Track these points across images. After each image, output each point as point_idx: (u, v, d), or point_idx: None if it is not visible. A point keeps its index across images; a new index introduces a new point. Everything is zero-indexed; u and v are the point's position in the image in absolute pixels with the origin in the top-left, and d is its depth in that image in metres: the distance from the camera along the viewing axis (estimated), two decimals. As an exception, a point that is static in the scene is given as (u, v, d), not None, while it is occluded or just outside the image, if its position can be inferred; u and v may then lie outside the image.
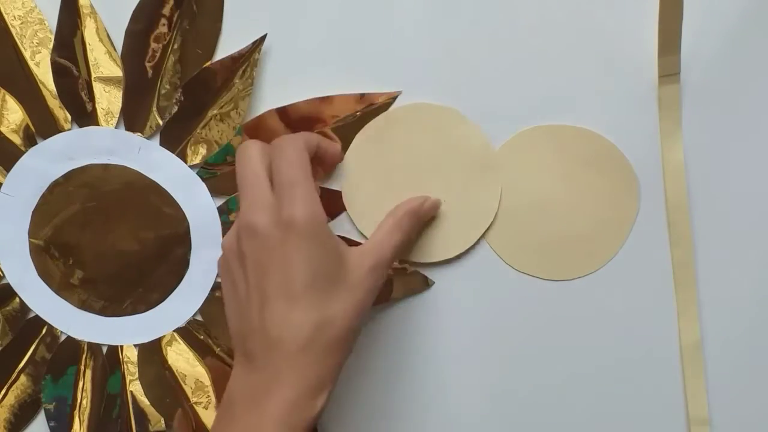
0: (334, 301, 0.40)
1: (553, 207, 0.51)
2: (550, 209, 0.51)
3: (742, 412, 0.52)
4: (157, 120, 0.52)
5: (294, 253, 0.40)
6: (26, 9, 0.52)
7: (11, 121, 0.53)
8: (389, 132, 0.50)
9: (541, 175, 0.51)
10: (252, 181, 0.42)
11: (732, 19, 0.48)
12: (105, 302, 0.55)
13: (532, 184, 0.51)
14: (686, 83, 0.49)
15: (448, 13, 0.50)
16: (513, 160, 0.51)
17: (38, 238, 0.54)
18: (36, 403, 0.56)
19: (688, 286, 0.51)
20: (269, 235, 0.40)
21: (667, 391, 0.52)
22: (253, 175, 0.42)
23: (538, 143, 0.50)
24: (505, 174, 0.51)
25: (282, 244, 0.40)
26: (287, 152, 0.42)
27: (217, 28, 0.51)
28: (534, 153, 0.51)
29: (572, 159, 0.50)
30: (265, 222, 0.40)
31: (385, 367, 0.54)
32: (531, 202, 0.51)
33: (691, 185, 0.50)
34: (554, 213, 0.51)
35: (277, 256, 0.40)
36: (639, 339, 0.52)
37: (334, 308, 0.40)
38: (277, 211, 0.40)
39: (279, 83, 0.51)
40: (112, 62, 0.52)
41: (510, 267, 0.52)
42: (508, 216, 0.51)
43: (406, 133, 0.50)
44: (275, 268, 0.40)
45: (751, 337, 0.51)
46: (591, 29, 0.49)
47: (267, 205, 0.41)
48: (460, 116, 0.49)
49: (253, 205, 0.41)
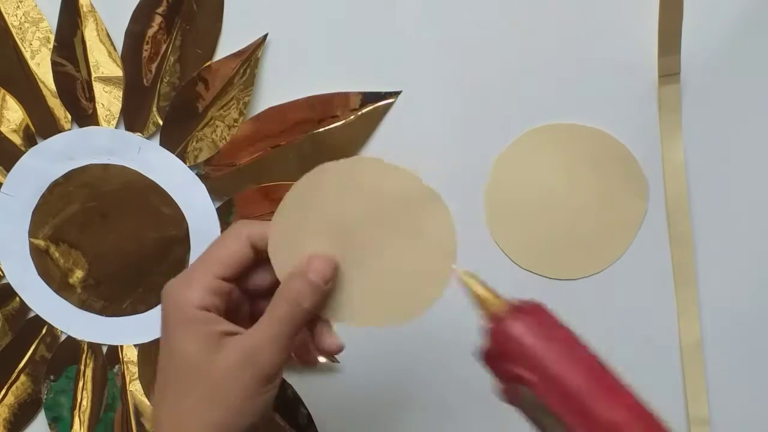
0: (192, 400, 0.36)
1: (561, 206, 0.51)
2: (558, 208, 0.51)
3: (742, 412, 0.52)
4: (157, 120, 0.52)
5: (165, 341, 0.37)
6: (26, 9, 0.52)
7: (11, 121, 0.53)
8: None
9: (548, 174, 0.51)
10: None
11: (732, 19, 0.48)
12: (105, 302, 0.55)
13: (539, 182, 0.51)
14: (686, 83, 0.49)
15: (449, 13, 0.50)
16: (521, 158, 0.51)
17: (38, 238, 0.54)
18: (36, 403, 0.56)
19: (688, 286, 0.51)
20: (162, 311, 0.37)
21: (667, 391, 0.52)
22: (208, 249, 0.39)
23: (546, 142, 0.50)
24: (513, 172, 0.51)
25: (161, 328, 0.37)
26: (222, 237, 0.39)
27: (217, 27, 0.51)
28: (542, 152, 0.51)
29: (580, 159, 0.50)
30: (166, 292, 0.37)
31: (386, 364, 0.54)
32: (538, 201, 0.51)
33: (691, 185, 0.50)
34: (561, 212, 0.51)
35: (161, 336, 0.37)
36: (639, 339, 0.52)
37: (190, 409, 0.36)
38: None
39: (279, 83, 0.51)
40: (112, 62, 0.52)
41: (516, 265, 0.52)
42: (516, 214, 0.51)
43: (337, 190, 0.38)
44: (159, 355, 0.38)
45: (751, 337, 0.51)
46: (591, 29, 0.49)
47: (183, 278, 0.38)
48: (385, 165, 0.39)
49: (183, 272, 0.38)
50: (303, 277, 0.37)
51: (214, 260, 0.37)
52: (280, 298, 0.37)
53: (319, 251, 0.38)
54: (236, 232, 0.38)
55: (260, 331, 0.36)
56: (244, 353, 0.35)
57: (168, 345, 0.36)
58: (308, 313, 0.37)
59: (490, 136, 0.51)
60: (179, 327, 0.36)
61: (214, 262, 0.37)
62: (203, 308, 0.36)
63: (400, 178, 0.37)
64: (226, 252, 0.37)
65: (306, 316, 0.37)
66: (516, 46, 0.50)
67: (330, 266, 0.38)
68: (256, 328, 0.36)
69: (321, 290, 0.37)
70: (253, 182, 0.52)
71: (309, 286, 0.37)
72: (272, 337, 0.36)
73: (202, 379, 0.35)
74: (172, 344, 0.36)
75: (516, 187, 0.51)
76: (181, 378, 0.36)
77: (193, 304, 0.36)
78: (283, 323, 0.36)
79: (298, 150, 0.52)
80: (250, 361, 0.35)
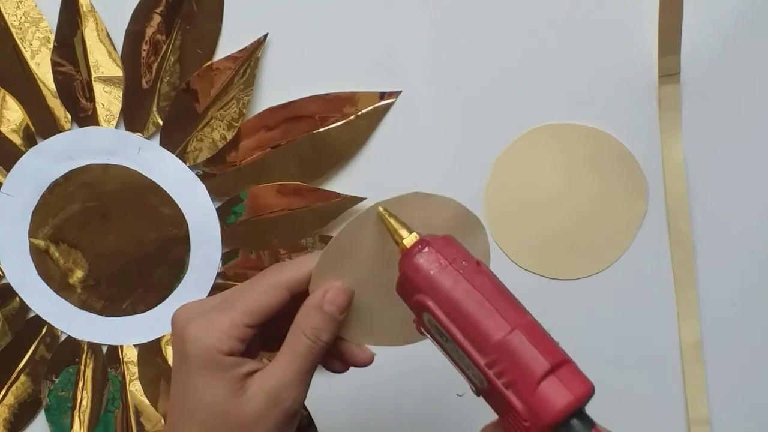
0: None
1: (561, 206, 0.51)
2: (558, 208, 0.51)
3: (742, 412, 0.52)
4: (157, 120, 0.52)
5: (185, 384, 0.36)
6: (26, 9, 0.52)
7: (11, 121, 0.53)
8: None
9: (548, 174, 0.51)
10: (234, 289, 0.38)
11: (732, 19, 0.48)
12: (105, 302, 0.55)
13: (539, 182, 0.51)
14: (686, 83, 0.49)
15: (449, 13, 0.50)
16: (521, 158, 0.51)
17: (38, 238, 0.54)
18: (36, 403, 0.56)
19: (688, 286, 0.51)
20: (173, 349, 0.37)
21: (667, 391, 0.52)
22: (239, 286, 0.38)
23: (546, 142, 0.50)
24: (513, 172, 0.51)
25: (177, 368, 0.37)
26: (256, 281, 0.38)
27: (217, 28, 0.51)
28: (542, 152, 0.51)
29: (581, 159, 0.50)
30: (178, 326, 0.37)
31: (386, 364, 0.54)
32: (538, 201, 0.51)
33: (691, 185, 0.50)
34: (561, 212, 0.51)
35: (173, 377, 0.37)
36: (639, 339, 0.52)
37: None
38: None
39: (279, 83, 0.51)
40: (112, 62, 0.52)
41: (516, 265, 0.52)
42: (516, 214, 0.51)
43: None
44: (172, 392, 0.37)
45: (751, 337, 0.51)
46: (591, 29, 0.49)
47: (191, 309, 0.37)
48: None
49: (188, 303, 0.38)
50: (319, 310, 0.37)
51: (246, 310, 0.36)
52: (299, 332, 0.37)
53: (338, 281, 0.37)
54: (273, 281, 0.37)
55: (282, 370, 0.36)
56: (269, 395, 0.36)
57: (190, 389, 0.36)
58: (327, 345, 0.37)
59: (490, 136, 0.51)
60: (205, 373, 0.36)
61: (247, 311, 0.36)
62: (230, 354, 0.36)
63: (442, 207, 0.37)
64: (261, 304, 0.37)
65: (325, 348, 0.37)
66: (516, 46, 0.50)
67: (345, 296, 0.37)
68: (278, 366, 0.36)
69: (337, 321, 0.37)
70: (253, 182, 0.52)
71: (326, 319, 0.37)
72: (294, 375, 0.36)
73: (228, 424, 0.35)
74: (197, 389, 0.36)
75: (516, 187, 0.51)
76: (205, 423, 0.36)
77: (221, 351, 0.35)
78: (304, 359, 0.36)
79: (298, 150, 0.52)
80: (275, 402, 0.36)
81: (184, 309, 0.37)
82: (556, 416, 0.28)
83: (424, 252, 0.32)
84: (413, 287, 0.32)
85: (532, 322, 0.31)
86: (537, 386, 0.29)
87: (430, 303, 0.32)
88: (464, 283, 0.31)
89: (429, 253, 0.32)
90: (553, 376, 0.29)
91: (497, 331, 0.30)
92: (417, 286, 0.32)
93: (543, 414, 0.29)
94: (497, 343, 0.30)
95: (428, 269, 0.32)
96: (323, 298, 0.37)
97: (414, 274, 0.32)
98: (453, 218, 0.37)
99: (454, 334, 0.31)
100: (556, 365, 0.29)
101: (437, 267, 0.32)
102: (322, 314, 0.37)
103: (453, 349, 0.32)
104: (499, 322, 0.30)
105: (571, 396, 0.29)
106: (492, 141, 0.51)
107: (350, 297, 0.38)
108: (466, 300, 0.31)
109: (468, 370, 0.31)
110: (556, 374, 0.29)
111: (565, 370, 0.30)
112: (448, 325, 0.31)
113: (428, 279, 0.32)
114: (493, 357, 0.30)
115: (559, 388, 0.29)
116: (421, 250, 0.32)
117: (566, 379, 0.29)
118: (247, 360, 0.36)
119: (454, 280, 0.31)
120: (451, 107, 0.51)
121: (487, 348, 0.30)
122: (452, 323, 0.31)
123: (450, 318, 0.31)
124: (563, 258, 0.51)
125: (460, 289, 0.31)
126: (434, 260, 0.32)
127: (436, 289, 0.31)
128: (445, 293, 0.31)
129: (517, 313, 0.31)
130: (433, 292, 0.32)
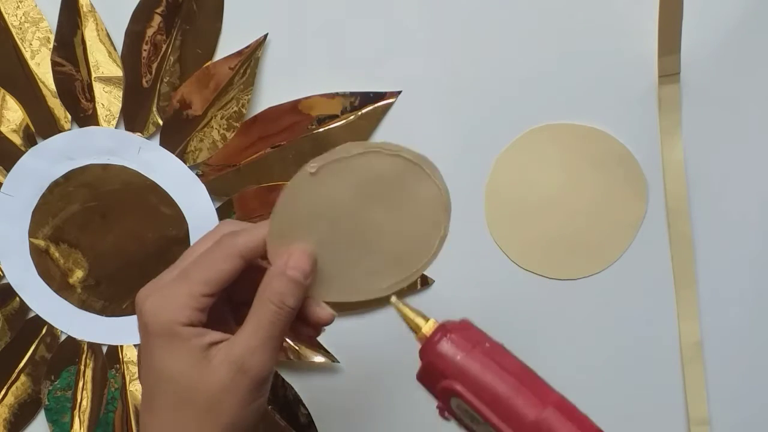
0: (188, 418, 0.35)
1: (561, 206, 0.51)
2: (558, 208, 0.51)
3: (742, 412, 0.52)
4: (157, 120, 0.52)
5: (149, 360, 0.36)
6: (26, 9, 0.52)
7: (11, 121, 0.53)
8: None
9: (548, 174, 0.51)
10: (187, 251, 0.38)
11: (732, 19, 0.48)
12: (105, 302, 0.55)
13: (539, 182, 0.51)
14: (686, 83, 0.49)
15: (449, 13, 0.50)
16: (521, 158, 0.51)
17: (38, 238, 0.54)
18: (36, 403, 0.56)
19: (688, 286, 0.51)
20: (139, 319, 0.36)
21: (667, 391, 0.52)
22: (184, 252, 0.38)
23: (546, 142, 0.50)
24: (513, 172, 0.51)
25: (141, 345, 0.36)
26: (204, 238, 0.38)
27: (217, 27, 0.51)
28: (542, 152, 0.51)
29: (581, 159, 0.51)
30: (140, 300, 0.36)
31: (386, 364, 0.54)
32: (538, 201, 0.51)
33: (691, 185, 0.50)
34: (561, 212, 0.51)
35: (139, 354, 0.37)
36: (639, 339, 0.52)
37: (187, 426, 0.35)
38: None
39: (279, 83, 0.51)
40: (112, 62, 0.52)
41: (516, 265, 0.52)
42: (516, 214, 0.51)
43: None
44: (140, 370, 0.37)
45: (751, 337, 0.51)
46: (591, 29, 0.49)
47: (151, 285, 0.37)
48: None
49: (150, 282, 0.37)
50: (283, 276, 0.36)
51: (202, 279, 0.36)
52: (264, 299, 0.36)
53: (300, 244, 0.37)
54: (228, 249, 0.36)
55: (247, 337, 0.36)
56: (235, 364, 0.35)
57: (154, 364, 0.35)
58: (294, 311, 0.36)
59: (490, 136, 0.51)
60: (166, 346, 0.35)
61: (203, 281, 0.36)
62: (189, 325, 0.35)
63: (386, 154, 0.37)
64: (218, 273, 0.36)
65: (292, 314, 0.36)
66: (516, 46, 0.50)
67: (308, 259, 0.37)
68: (243, 334, 0.36)
69: (302, 286, 0.37)
70: (253, 182, 0.52)
71: (291, 284, 0.36)
72: (261, 342, 0.35)
73: (196, 396, 0.35)
74: (159, 364, 0.35)
75: (516, 187, 0.51)
76: (172, 396, 0.35)
77: (179, 322, 0.35)
78: (270, 326, 0.36)
79: (298, 150, 0.52)
80: (242, 371, 0.35)
81: (146, 286, 0.37)
82: None
83: (448, 339, 0.33)
84: (439, 374, 0.33)
85: (561, 398, 0.32)
86: None
87: (460, 388, 0.32)
88: (493, 365, 0.32)
89: (453, 340, 0.33)
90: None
91: (532, 409, 0.31)
92: (443, 373, 0.33)
93: None
94: (534, 422, 0.31)
95: (454, 355, 0.33)
96: (286, 263, 0.36)
97: (440, 361, 0.33)
98: (394, 167, 0.36)
99: (488, 417, 0.31)
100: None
101: (463, 352, 0.33)
102: (287, 279, 0.36)
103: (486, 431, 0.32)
104: (533, 401, 0.31)
105: None
106: (492, 141, 0.51)
107: (313, 260, 0.37)
108: (498, 382, 0.32)
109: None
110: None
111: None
112: (482, 408, 0.32)
113: (455, 365, 0.32)
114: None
115: None
116: (443, 336, 0.33)
117: None
118: (209, 331, 0.36)
119: (483, 363, 0.32)
120: (451, 107, 0.51)
121: (524, 428, 0.31)
122: (485, 406, 0.32)
123: (483, 401, 0.32)
124: (563, 258, 0.51)
125: (490, 371, 0.32)
126: (459, 345, 0.33)
127: (465, 373, 0.32)
128: (474, 377, 0.32)
129: (547, 389, 0.32)
130: (463, 377, 0.32)
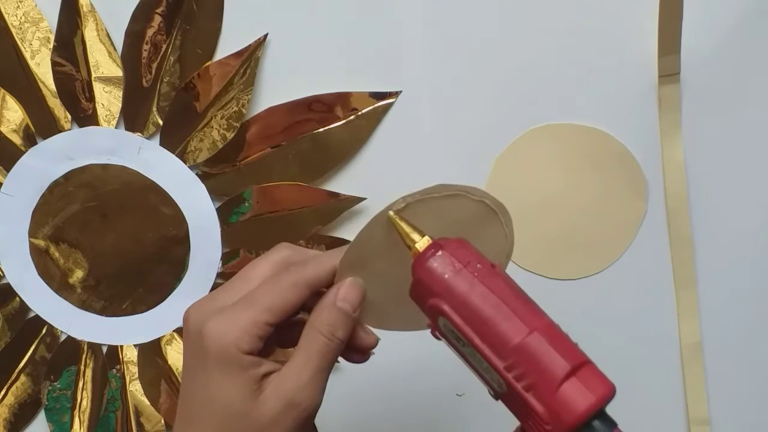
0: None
1: (561, 206, 0.51)
2: (558, 208, 0.51)
3: (742, 412, 0.52)
4: (157, 120, 0.52)
5: (200, 382, 0.35)
6: (26, 9, 0.52)
7: (11, 121, 0.53)
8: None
9: (548, 174, 0.51)
10: (235, 277, 0.37)
11: (732, 19, 0.48)
12: (105, 302, 0.55)
13: (539, 182, 0.51)
14: (686, 83, 0.49)
15: (449, 13, 0.50)
16: (521, 158, 0.51)
17: (38, 238, 0.54)
18: (36, 403, 0.56)
19: (688, 287, 0.51)
20: (186, 343, 0.36)
21: (667, 391, 0.52)
22: (240, 273, 0.38)
23: (546, 142, 0.51)
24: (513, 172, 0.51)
25: (192, 364, 0.36)
26: (260, 263, 0.37)
27: (217, 27, 0.51)
28: (542, 152, 0.51)
29: (581, 159, 0.51)
30: (191, 321, 0.36)
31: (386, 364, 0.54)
32: (538, 201, 0.51)
33: (691, 185, 0.50)
34: (561, 212, 0.51)
35: (186, 374, 0.36)
36: (639, 339, 0.52)
37: None
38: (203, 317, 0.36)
39: (279, 83, 0.51)
40: (112, 62, 0.52)
41: (516, 265, 0.52)
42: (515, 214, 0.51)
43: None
44: (184, 389, 0.37)
45: (751, 338, 0.51)
46: (591, 29, 0.49)
47: (208, 305, 0.36)
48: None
49: (202, 300, 0.37)
50: (333, 307, 0.36)
51: (268, 307, 0.35)
52: (314, 331, 0.36)
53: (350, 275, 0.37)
54: (295, 278, 0.36)
55: (298, 371, 0.35)
56: (286, 398, 0.35)
57: (208, 387, 0.35)
58: (343, 342, 0.36)
59: (490, 136, 0.51)
60: (224, 371, 0.35)
61: (269, 309, 0.35)
62: (249, 353, 0.35)
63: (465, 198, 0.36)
64: (284, 302, 0.36)
65: (341, 345, 0.36)
66: (516, 46, 0.50)
67: (358, 291, 0.37)
68: (294, 367, 0.36)
69: (351, 318, 0.36)
70: (253, 182, 0.52)
71: (341, 315, 0.36)
72: (311, 375, 0.35)
73: (243, 425, 0.35)
74: (214, 387, 0.35)
75: (516, 187, 0.51)
76: (219, 422, 0.35)
77: (241, 349, 0.34)
78: (320, 357, 0.36)
79: (298, 150, 0.52)
80: (292, 405, 0.35)
81: (200, 305, 0.36)
82: (578, 418, 0.28)
83: (438, 256, 0.32)
84: (427, 292, 0.32)
85: (550, 323, 0.31)
86: (558, 388, 0.29)
87: (446, 307, 0.31)
88: (480, 287, 0.31)
89: (442, 257, 0.32)
90: (574, 377, 0.29)
91: (516, 334, 0.30)
92: (431, 291, 0.31)
93: (564, 416, 0.28)
94: (516, 346, 0.29)
95: (442, 273, 0.31)
96: (336, 295, 0.36)
97: (428, 278, 0.32)
98: (475, 211, 0.36)
99: (471, 338, 0.30)
100: (576, 367, 0.29)
101: (452, 270, 0.31)
102: (336, 311, 0.36)
103: (470, 354, 0.31)
104: (518, 325, 0.30)
105: (592, 397, 0.28)
106: (492, 141, 0.51)
107: (362, 291, 0.37)
108: (483, 303, 0.30)
109: (486, 374, 0.31)
110: (576, 376, 0.29)
111: (586, 371, 0.29)
112: (465, 330, 0.31)
113: (443, 283, 0.31)
114: (513, 360, 0.29)
115: (580, 389, 0.29)
116: (434, 254, 0.32)
117: (587, 380, 0.29)
118: (264, 360, 0.36)
119: (470, 283, 0.31)
120: (451, 107, 0.51)
121: (506, 351, 0.30)
122: (469, 327, 0.31)
123: (467, 322, 0.31)
124: (563, 258, 0.52)
125: (476, 292, 0.31)
126: (448, 264, 0.31)
127: (451, 293, 0.31)
128: (461, 297, 0.31)
129: (535, 315, 0.31)
130: (449, 296, 0.31)
